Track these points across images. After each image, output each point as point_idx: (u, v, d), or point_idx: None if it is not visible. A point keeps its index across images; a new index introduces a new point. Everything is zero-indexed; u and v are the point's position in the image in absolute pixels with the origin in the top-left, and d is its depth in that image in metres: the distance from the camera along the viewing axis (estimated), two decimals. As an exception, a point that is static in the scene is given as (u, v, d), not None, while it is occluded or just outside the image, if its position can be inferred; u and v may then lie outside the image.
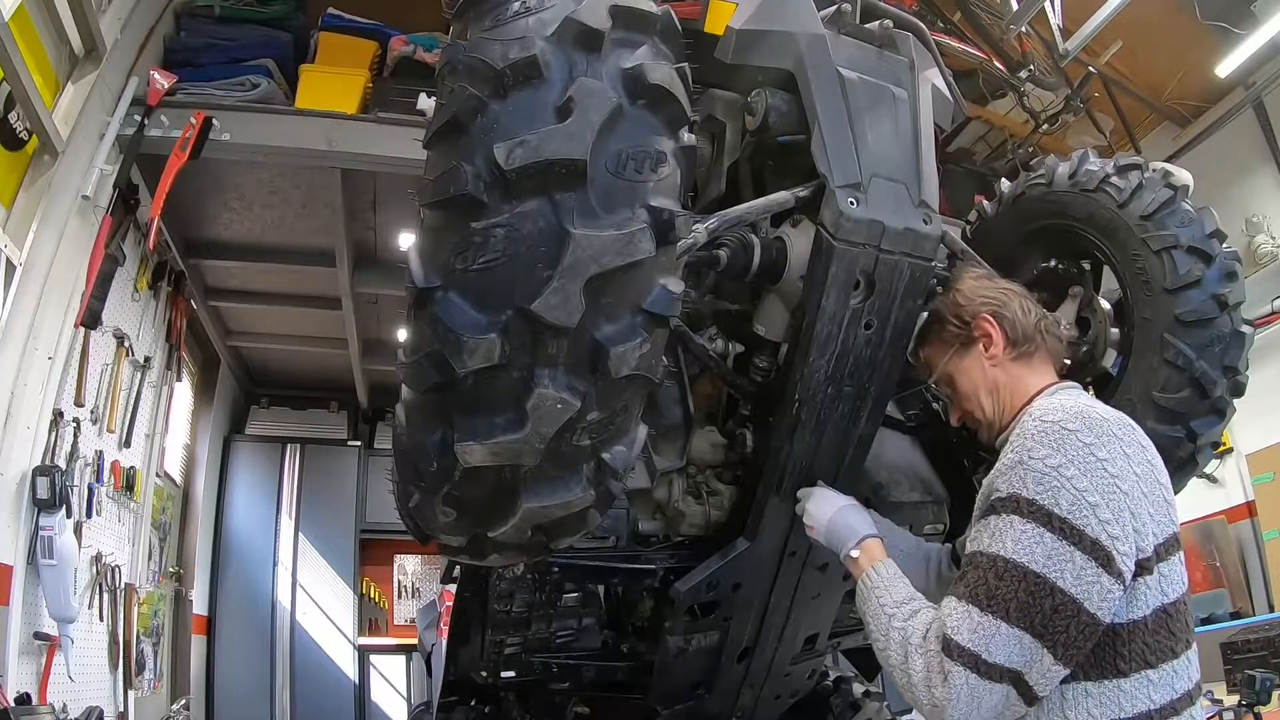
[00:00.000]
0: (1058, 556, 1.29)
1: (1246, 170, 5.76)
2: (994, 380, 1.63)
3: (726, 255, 1.85)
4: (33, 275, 3.88)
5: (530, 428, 1.29)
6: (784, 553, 2.03)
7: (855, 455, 1.96)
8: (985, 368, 1.64)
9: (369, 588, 8.47)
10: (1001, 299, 1.65)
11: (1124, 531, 1.31)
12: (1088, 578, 1.28)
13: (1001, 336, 1.62)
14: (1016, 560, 1.31)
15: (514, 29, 1.31)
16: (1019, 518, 1.33)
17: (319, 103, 4.90)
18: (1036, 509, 1.32)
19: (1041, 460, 1.34)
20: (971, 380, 1.67)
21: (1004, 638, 1.30)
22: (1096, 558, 1.29)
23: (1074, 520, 1.29)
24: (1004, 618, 1.30)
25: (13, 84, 3.55)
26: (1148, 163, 2.10)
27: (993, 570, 1.33)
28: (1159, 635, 1.34)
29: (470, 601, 2.36)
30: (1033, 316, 1.64)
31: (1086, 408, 1.43)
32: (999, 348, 1.62)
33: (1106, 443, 1.35)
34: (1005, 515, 1.35)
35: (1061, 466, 1.33)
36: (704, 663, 2.19)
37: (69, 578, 3.97)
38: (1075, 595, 1.28)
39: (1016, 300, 1.66)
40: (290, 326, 7.41)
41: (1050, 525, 1.30)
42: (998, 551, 1.34)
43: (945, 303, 1.73)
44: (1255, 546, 5.57)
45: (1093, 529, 1.29)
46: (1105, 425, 1.38)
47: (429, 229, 1.35)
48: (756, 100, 1.85)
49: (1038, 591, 1.29)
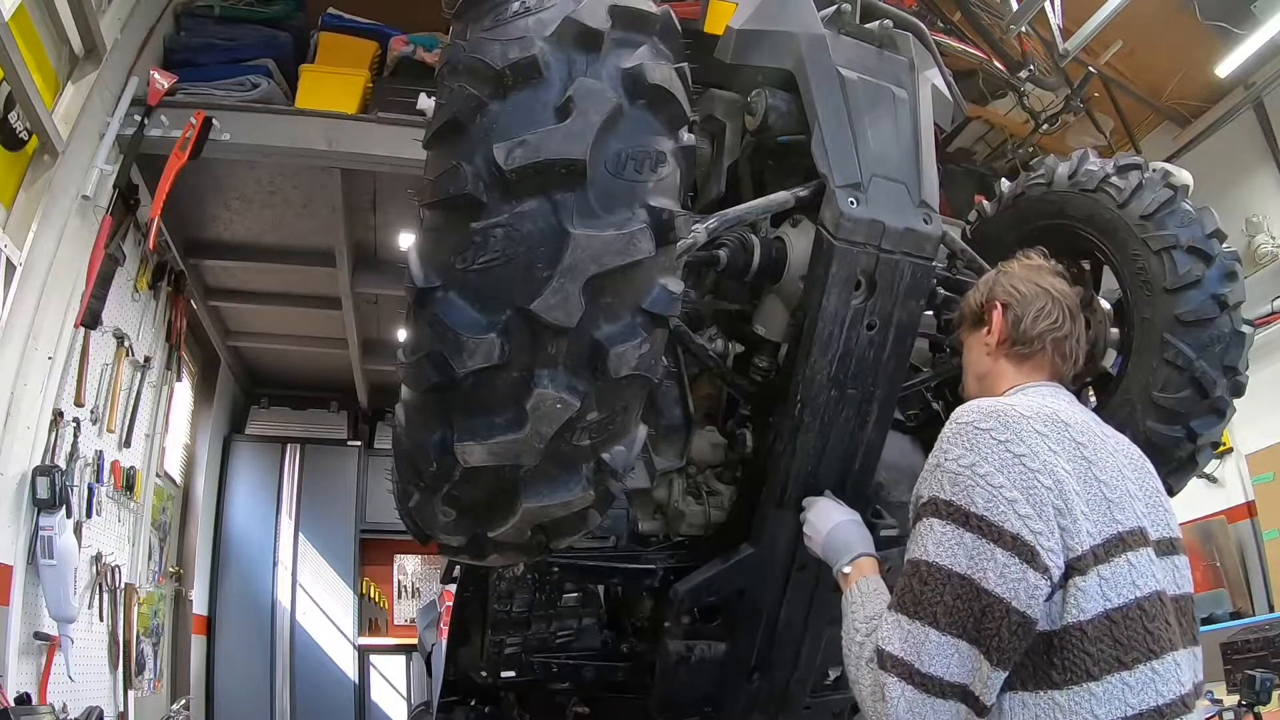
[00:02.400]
0: (979, 555, 1.26)
1: (1246, 170, 5.75)
2: (985, 367, 1.62)
3: (726, 255, 1.84)
4: (33, 275, 3.87)
5: (530, 428, 1.29)
6: (792, 564, 1.98)
7: (864, 462, 1.93)
8: (981, 351, 1.63)
9: (369, 588, 8.47)
10: (1026, 296, 1.59)
11: (1047, 527, 1.26)
12: (1012, 575, 1.24)
13: (1001, 328, 1.60)
14: (938, 563, 1.28)
15: (514, 29, 1.31)
16: (938, 520, 1.31)
17: (319, 103, 4.90)
18: (953, 509, 1.29)
19: (955, 460, 1.32)
20: (970, 357, 1.67)
21: (935, 645, 1.26)
22: (1019, 553, 1.24)
23: (991, 517, 1.26)
24: (932, 624, 1.27)
25: (13, 84, 3.55)
26: (1148, 163, 2.11)
27: (916, 576, 1.30)
28: (1102, 644, 1.25)
29: (470, 601, 2.36)
30: (1044, 323, 1.57)
31: (1005, 406, 1.39)
32: (995, 337, 1.60)
33: (1024, 438, 1.31)
34: (926, 519, 1.33)
35: (975, 465, 1.30)
36: (709, 676, 2.11)
37: (69, 578, 3.97)
38: (1001, 594, 1.24)
39: (1041, 302, 1.58)
40: (290, 326, 7.41)
41: (968, 524, 1.27)
42: (920, 556, 1.31)
43: (986, 276, 1.70)
44: (1255, 546, 5.56)
45: (1012, 524, 1.25)
46: (1024, 422, 1.34)
47: (429, 229, 1.35)
48: (756, 100, 1.85)
49: (964, 594, 1.25)
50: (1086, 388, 2.27)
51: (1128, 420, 1.99)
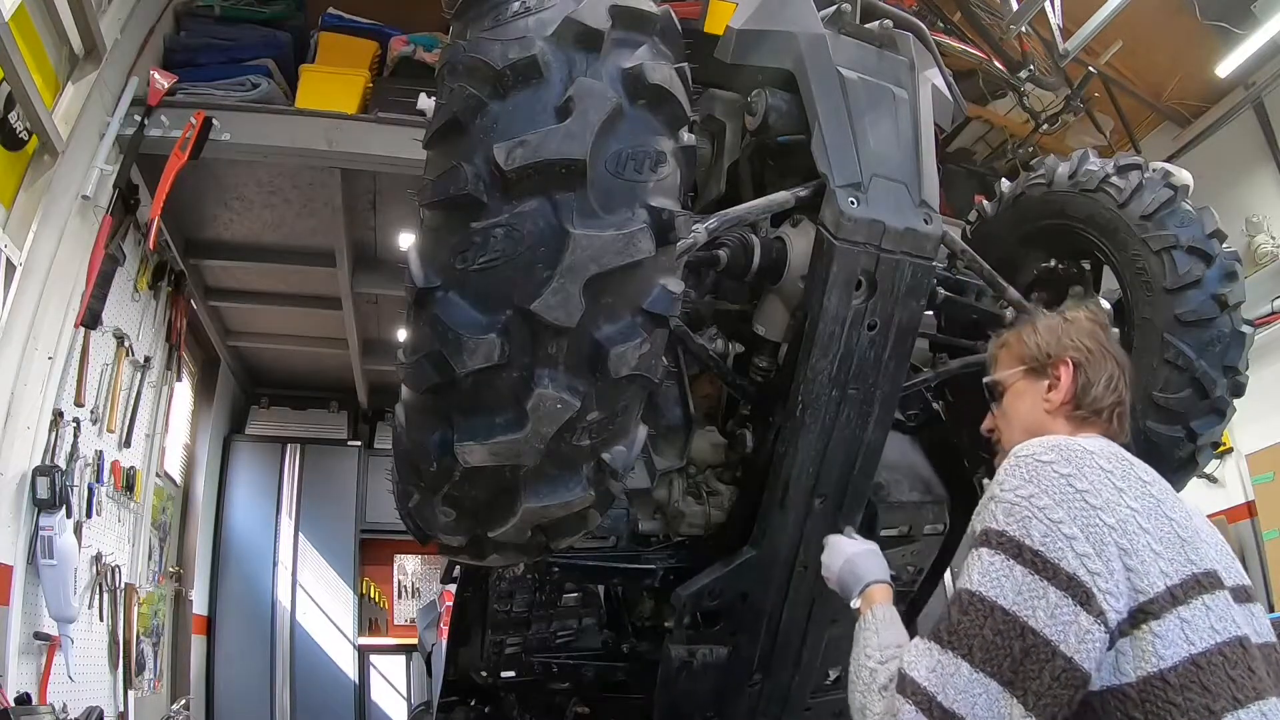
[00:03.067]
0: (1029, 592, 1.17)
1: (1246, 170, 5.76)
2: (1038, 423, 1.51)
3: (726, 255, 1.85)
4: (33, 275, 3.87)
5: (530, 428, 1.29)
6: (794, 564, 1.97)
7: (865, 462, 1.93)
8: (1038, 406, 1.52)
9: (369, 588, 8.46)
10: (1097, 357, 1.50)
11: (1107, 568, 1.17)
12: (1063, 616, 1.15)
13: (1070, 389, 1.49)
14: (981, 593, 1.20)
15: (514, 29, 1.31)
16: (987, 550, 1.22)
17: (319, 103, 4.89)
18: (1006, 540, 1.21)
19: (1013, 491, 1.24)
20: (1021, 407, 1.56)
21: (964, 680, 1.17)
22: (1073, 594, 1.15)
23: (1047, 553, 1.17)
24: (966, 657, 1.18)
25: (13, 84, 3.55)
26: (1148, 163, 2.11)
27: (958, 604, 1.22)
28: (1190, 693, 1.14)
29: (470, 601, 2.36)
30: (1113, 393, 1.48)
31: (1069, 441, 1.31)
32: (1060, 395, 1.49)
33: (1088, 474, 1.24)
34: (976, 549, 1.25)
35: (1033, 496, 1.22)
36: (712, 681, 2.09)
37: (69, 578, 3.97)
38: (1049, 636, 1.14)
39: (1111, 368, 1.50)
40: (290, 326, 7.40)
41: (1020, 557, 1.19)
42: (963, 585, 1.23)
43: (1048, 323, 1.59)
44: (1255, 546, 5.56)
45: (1068, 562, 1.16)
46: (1088, 457, 1.26)
47: (429, 229, 1.35)
48: (756, 100, 1.85)
49: (1006, 630, 1.16)
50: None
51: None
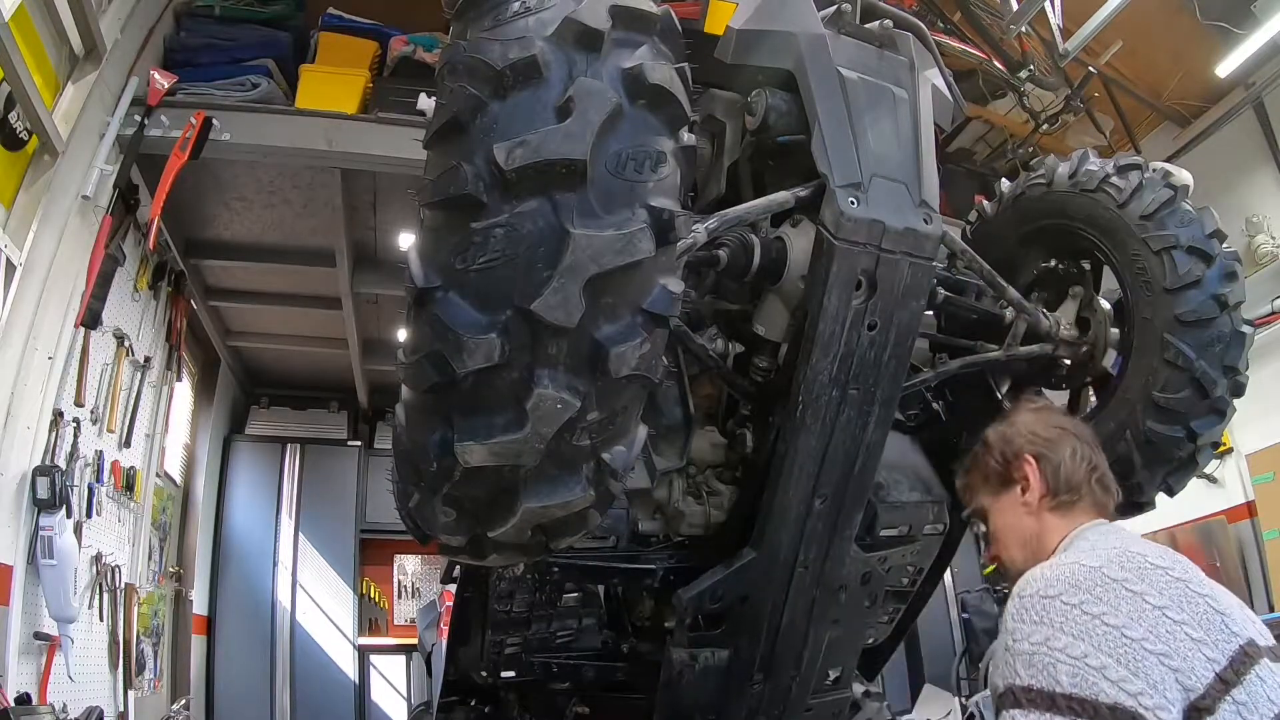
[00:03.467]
0: None
1: (1246, 170, 5.76)
2: (1028, 528, 1.49)
3: (726, 255, 1.84)
4: (33, 275, 3.88)
5: (530, 428, 1.28)
6: (794, 565, 1.96)
7: (865, 463, 1.93)
8: (1020, 513, 1.51)
9: (369, 588, 8.46)
10: (1052, 440, 1.50)
11: (1148, 684, 1.12)
12: None
13: (1040, 482, 1.48)
14: None
15: (514, 29, 1.31)
16: (1019, 712, 1.16)
17: (319, 103, 4.90)
18: (1035, 694, 1.16)
19: (1026, 639, 1.20)
20: (1005, 522, 1.54)
21: None
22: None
23: (1081, 693, 1.12)
24: None
25: (13, 84, 3.55)
26: (1148, 163, 2.11)
27: None
28: None
29: (470, 601, 2.36)
30: (1083, 465, 1.47)
31: (1069, 566, 1.27)
32: (1036, 494, 1.48)
33: (1100, 594, 1.20)
34: (1006, 713, 1.19)
35: (1049, 639, 1.17)
36: (713, 683, 2.08)
37: (69, 578, 3.97)
38: None
39: (1069, 444, 1.50)
40: (290, 326, 7.41)
41: (1055, 707, 1.14)
42: None
43: (994, 433, 1.59)
44: (1255, 546, 5.57)
45: (1106, 694, 1.12)
46: (1094, 575, 1.23)
47: (429, 229, 1.35)
48: (756, 100, 1.85)
49: None
50: (1087, 388, 2.28)
51: (1128, 420, 1.99)
